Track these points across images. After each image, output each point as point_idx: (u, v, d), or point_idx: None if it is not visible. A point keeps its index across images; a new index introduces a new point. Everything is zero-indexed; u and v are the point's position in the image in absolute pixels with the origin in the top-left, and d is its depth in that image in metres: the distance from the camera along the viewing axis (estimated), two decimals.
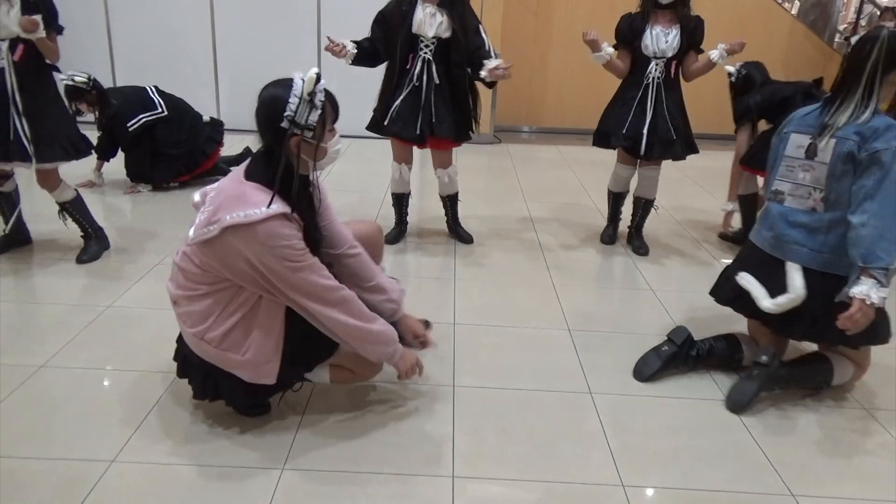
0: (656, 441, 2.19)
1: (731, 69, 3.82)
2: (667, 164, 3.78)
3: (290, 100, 1.81)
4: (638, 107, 3.57)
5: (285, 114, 1.82)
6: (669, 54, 3.48)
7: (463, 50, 3.37)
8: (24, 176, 3.57)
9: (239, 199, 1.83)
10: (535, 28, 6.78)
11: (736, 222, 3.78)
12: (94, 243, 3.42)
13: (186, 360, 2.10)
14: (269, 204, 1.81)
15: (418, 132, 3.44)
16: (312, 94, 1.83)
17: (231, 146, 5.90)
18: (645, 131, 3.54)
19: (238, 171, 1.96)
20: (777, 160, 2.44)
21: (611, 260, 3.77)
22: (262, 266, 1.86)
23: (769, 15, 6.86)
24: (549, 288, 3.32)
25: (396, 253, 3.68)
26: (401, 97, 3.42)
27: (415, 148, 3.64)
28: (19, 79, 2.97)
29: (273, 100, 1.83)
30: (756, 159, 3.55)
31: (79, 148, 3.21)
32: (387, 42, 3.41)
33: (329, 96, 1.91)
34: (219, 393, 2.11)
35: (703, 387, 2.51)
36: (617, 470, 2.04)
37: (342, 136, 2.03)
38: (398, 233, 3.84)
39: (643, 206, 3.89)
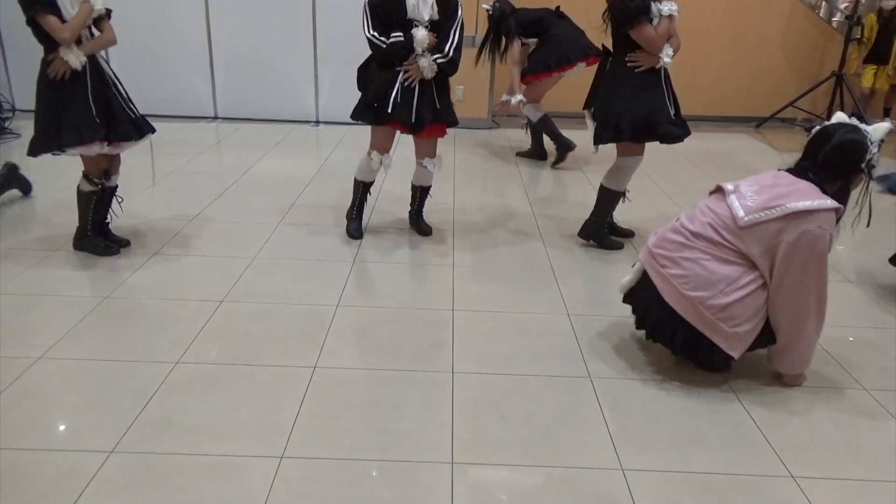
0: (655, 424, 2.19)
1: (487, 6, 4.94)
2: (664, 147, 3.74)
3: (871, 147, 2.22)
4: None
5: (867, 156, 2.22)
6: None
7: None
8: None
9: (800, 192, 2.19)
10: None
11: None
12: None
13: (651, 311, 2.41)
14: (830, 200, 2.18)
15: (414, 119, 3.38)
16: (881, 142, 2.24)
17: (226, 135, 5.88)
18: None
19: (783, 175, 2.30)
20: None
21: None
22: (799, 247, 2.14)
23: None
24: (548, 273, 3.31)
25: (395, 240, 3.68)
26: (399, 84, 3.34)
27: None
28: None
29: (857, 144, 2.22)
30: (534, 67, 4.91)
31: (36, 146, 3.03)
32: (386, 29, 3.30)
33: None
34: (697, 350, 2.36)
35: (702, 370, 2.51)
36: (616, 454, 2.04)
37: (338, 124, 2.02)
38: (359, 224, 3.73)
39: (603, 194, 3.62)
